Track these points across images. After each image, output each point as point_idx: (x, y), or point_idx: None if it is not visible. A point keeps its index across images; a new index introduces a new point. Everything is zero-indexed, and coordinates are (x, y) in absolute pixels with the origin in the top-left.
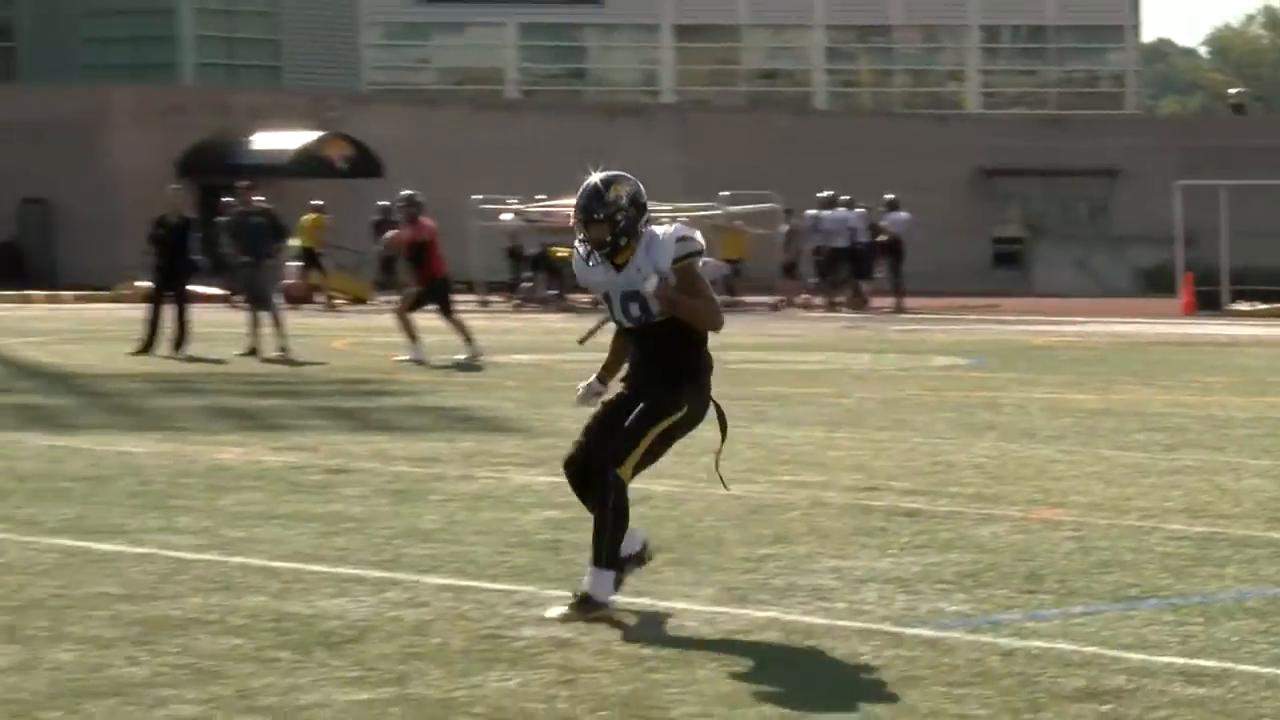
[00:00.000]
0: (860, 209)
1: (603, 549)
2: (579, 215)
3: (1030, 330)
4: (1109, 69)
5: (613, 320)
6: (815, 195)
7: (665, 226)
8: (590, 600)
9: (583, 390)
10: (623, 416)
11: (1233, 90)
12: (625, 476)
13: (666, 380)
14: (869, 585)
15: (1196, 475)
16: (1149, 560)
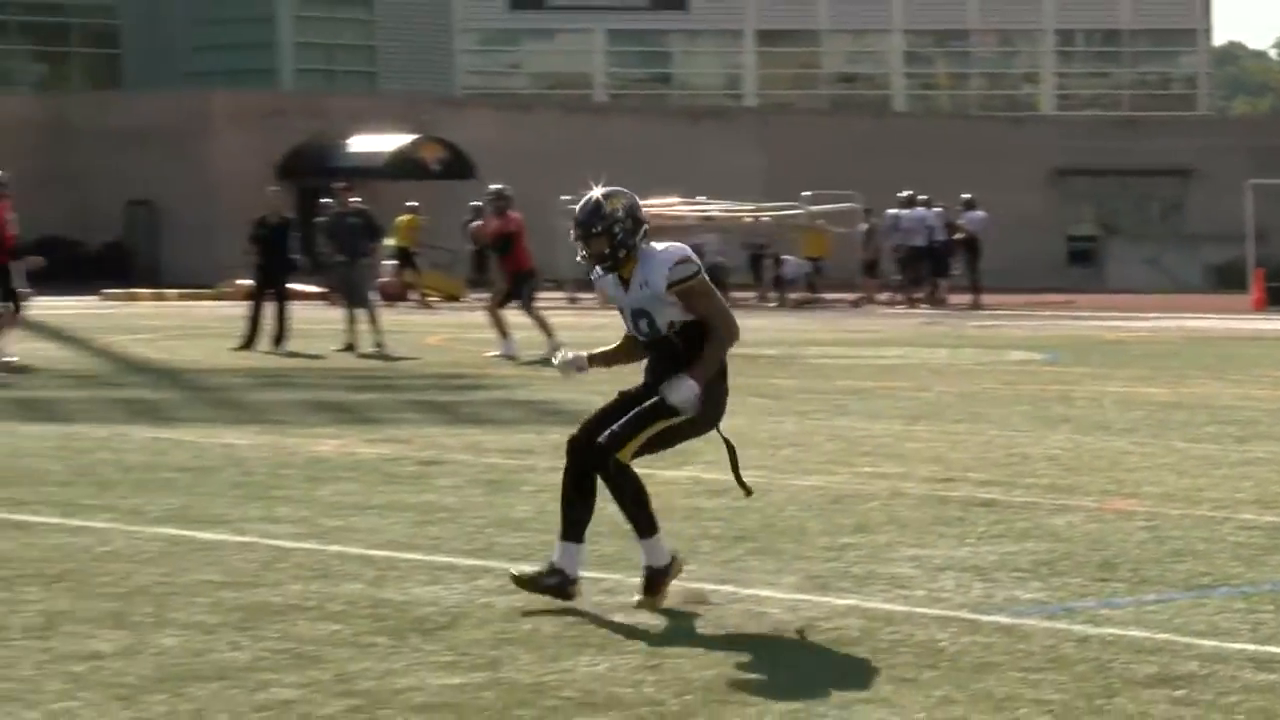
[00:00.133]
0: (938, 208)
1: (640, 522)
2: (578, 231)
3: (1103, 326)
4: (1181, 71)
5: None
6: (895, 195)
7: (663, 245)
8: (656, 570)
9: (567, 357)
10: (631, 409)
11: None
12: (625, 459)
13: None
14: (947, 573)
15: (1267, 467)
16: (1220, 549)
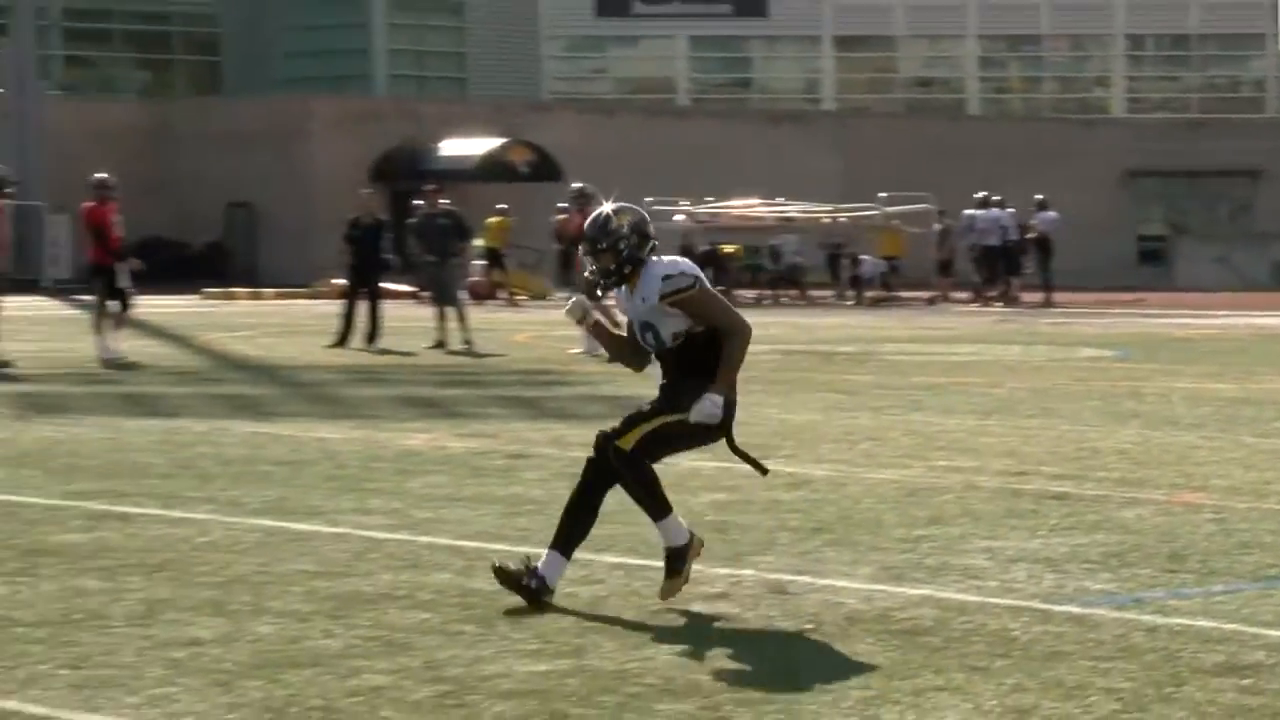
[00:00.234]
0: (1011, 209)
1: (652, 507)
2: (586, 246)
3: (1173, 323)
4: (1250, 75)
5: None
6: (968, 196)
7: (662, 259)
8: (677, 550)
9: (575, 300)
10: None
11: None
12: (625, 447)
13: (687, 389)
14: (1019, 564)
15: None
16: None
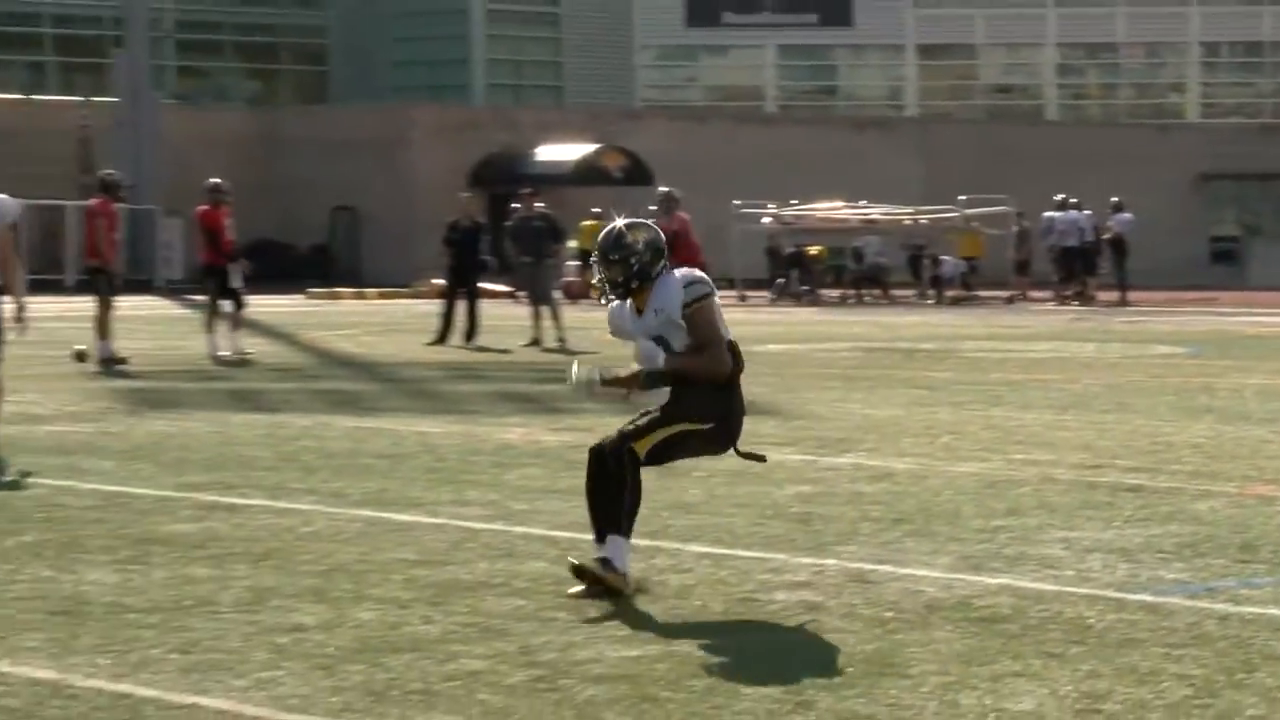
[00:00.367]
0: (1088, 211)
1: (621, 518)
2: (598, 256)
3: (1245, 321)
4: None
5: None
6: (1046, 199)
7: (678, 271)
8: (608, 563)
9: (578, 377)
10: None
11: None
12: (639, 452)
13: (697, 396)
14: (1094, 554)
15: None
16: None
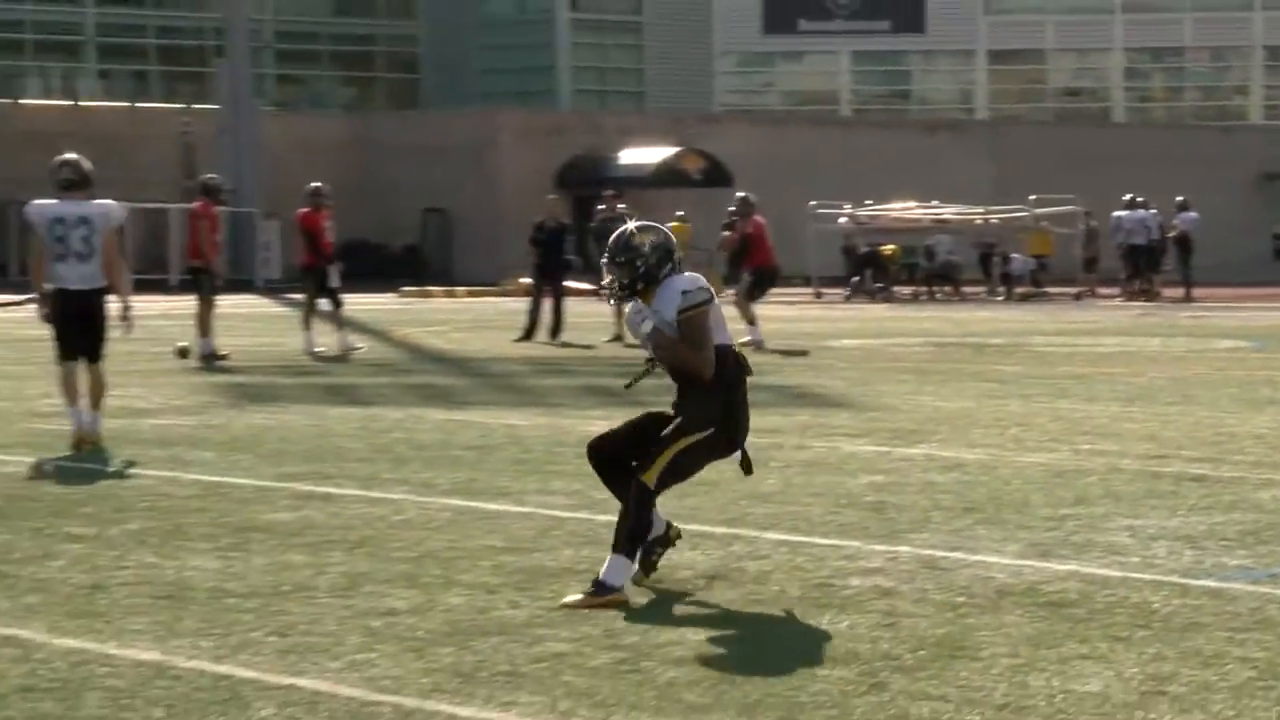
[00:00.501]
0: (1154, 210)
1: (622, 539)
2: (606, 257)
3: None
4: None
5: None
6: (1114, 199)
7: (683, 276)
8: (603, 585)
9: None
10: (659, 428)
11: None
12: (649, 483)
13: (696, 401)
14: (1159, 542)
15: None
16: None
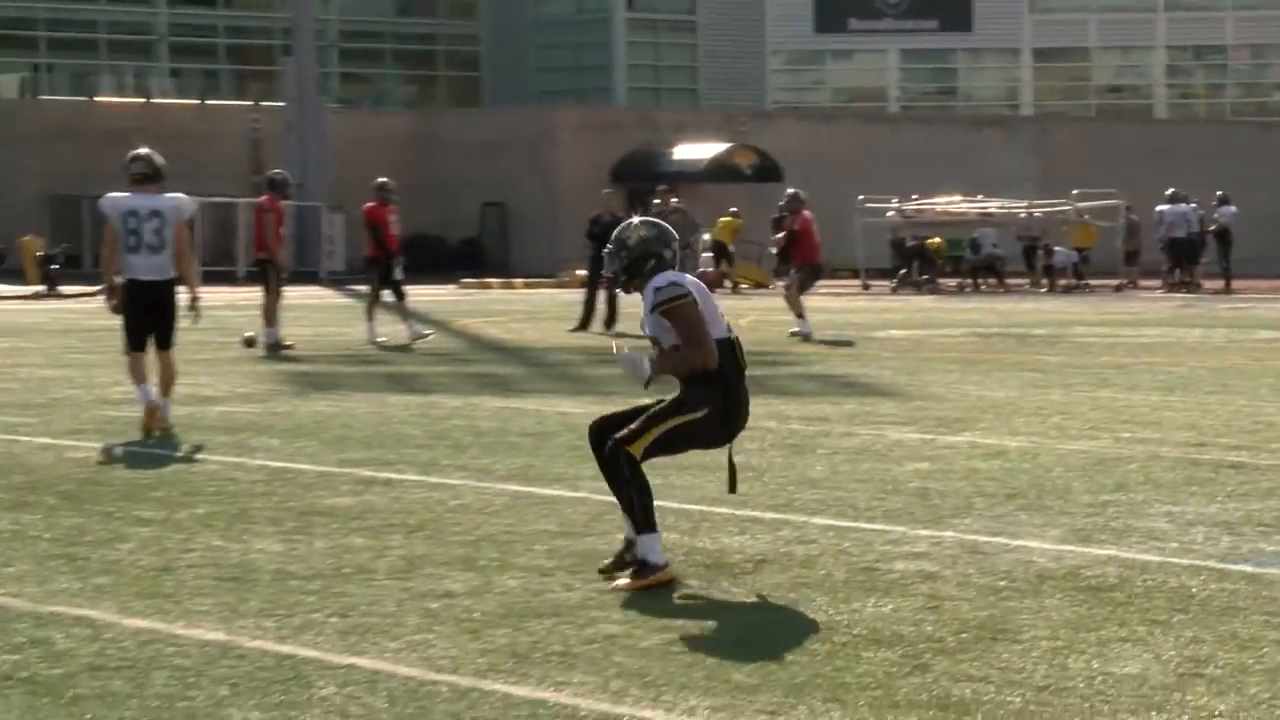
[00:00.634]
0: (1194, 204)
1: (640, 519)
2: (607, 248)
3: None
4: None
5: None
6: (1155, 193)
7: (666, 274)
8: (646, 564)
9: (626, 359)
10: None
11: None
12: (635, 453)
13: (693, 385)
14: (1197, 527)
15: None
16: None
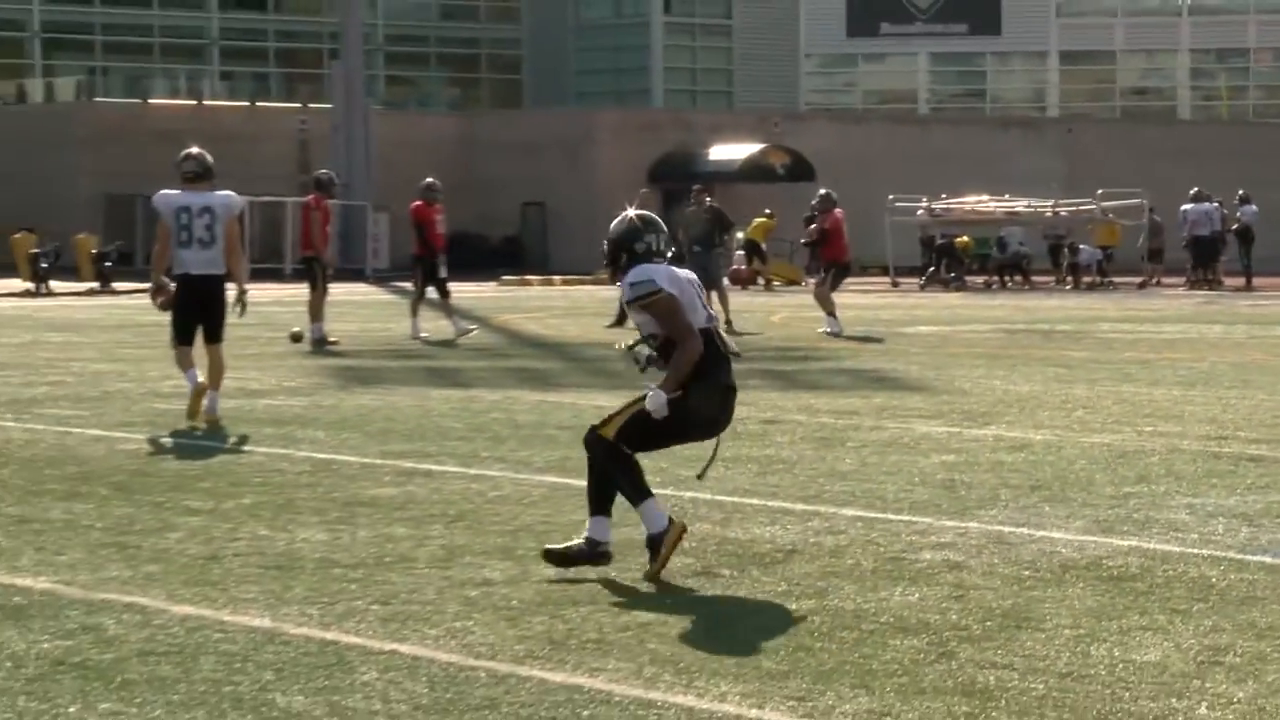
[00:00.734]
0: (1217, 202)
1: (627, 493)
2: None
3: None
4: None
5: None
6: (1179, 194)
7: (638, 269)
8: (653, 537)
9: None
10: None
11: None
12: (607, 435)
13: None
14: (1217, 519)
15: None
16: None
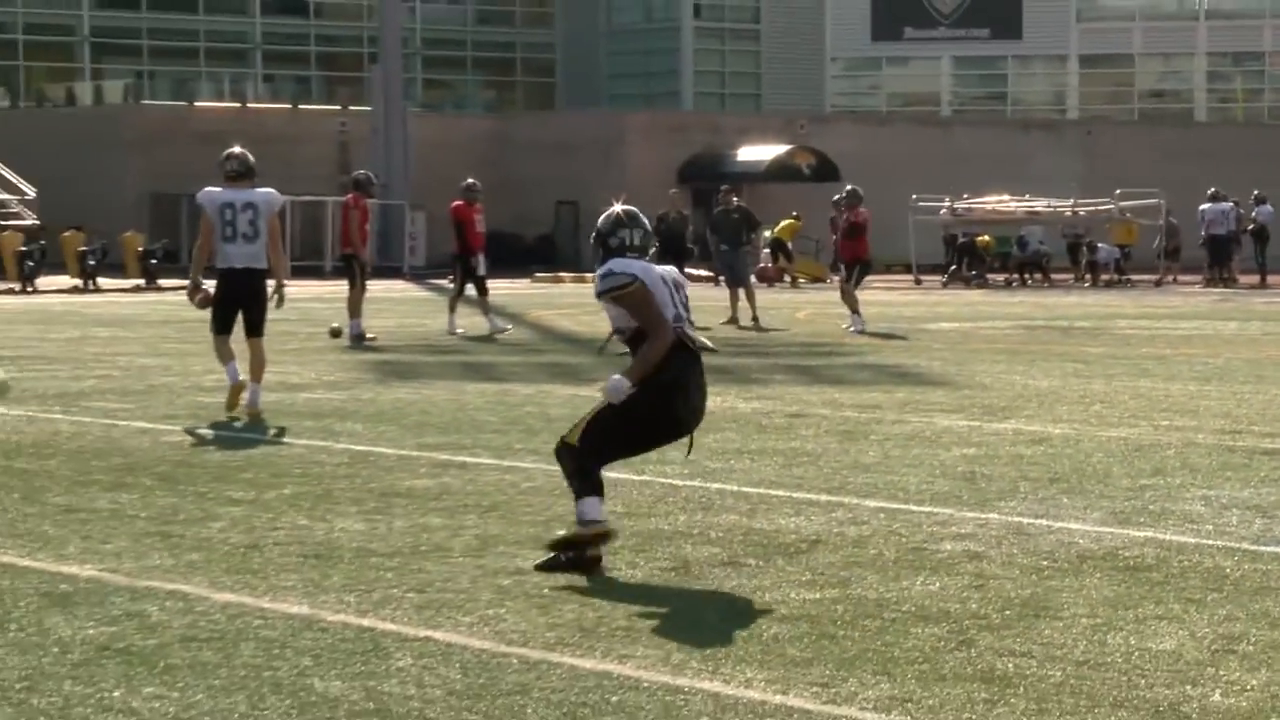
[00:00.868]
0: (1233, 202)
1: (574, 485)
2: None
3: None
4: None
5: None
6: (1200, 194)
7: (614, 261)
8: (581, 524)
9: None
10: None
11: None
12: (571, 440)
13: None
14: (1232, 511)
15: None
16: None
